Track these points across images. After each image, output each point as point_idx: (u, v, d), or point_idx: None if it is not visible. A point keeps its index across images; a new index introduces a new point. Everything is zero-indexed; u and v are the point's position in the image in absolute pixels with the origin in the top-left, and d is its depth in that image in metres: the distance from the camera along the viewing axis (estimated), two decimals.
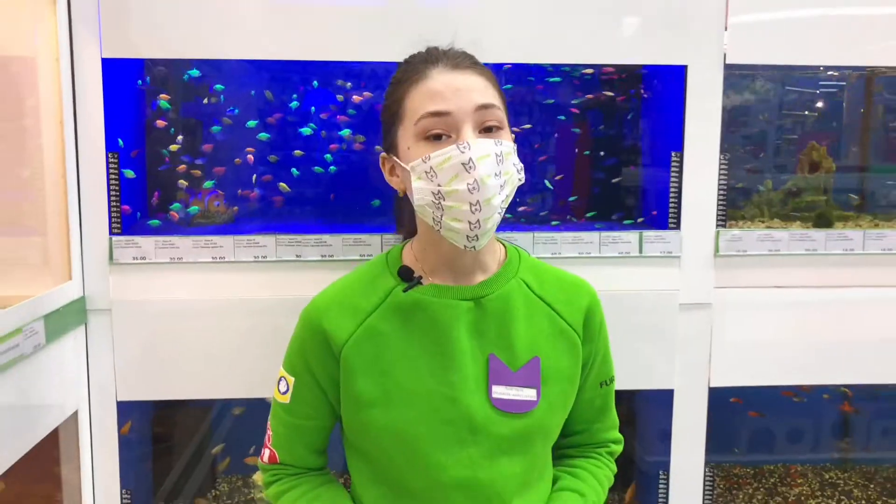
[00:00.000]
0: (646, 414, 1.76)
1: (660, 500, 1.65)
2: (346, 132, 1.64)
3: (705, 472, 1.62)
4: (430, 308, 1.09)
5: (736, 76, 1.80)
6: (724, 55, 1.52)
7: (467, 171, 1.00)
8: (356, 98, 1.65)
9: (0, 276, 1.38)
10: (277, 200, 1.66)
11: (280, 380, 1.15)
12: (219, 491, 1.77)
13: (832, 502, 1.82)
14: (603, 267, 1.54)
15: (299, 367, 1.12)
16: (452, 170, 1.00)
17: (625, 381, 1.43)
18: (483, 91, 1.05)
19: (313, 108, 1.65)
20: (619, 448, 1.27)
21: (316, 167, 1.64)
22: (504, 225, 1.53)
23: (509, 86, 1.69)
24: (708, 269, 1.57)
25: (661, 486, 1.64)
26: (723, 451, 1.98)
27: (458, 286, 1.11)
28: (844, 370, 1.63)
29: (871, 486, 1.90)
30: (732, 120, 1.84)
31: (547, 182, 1.75)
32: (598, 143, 1.78)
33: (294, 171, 1.65)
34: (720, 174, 1.55)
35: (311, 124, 1.65)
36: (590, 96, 1.74)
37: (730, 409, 1.91)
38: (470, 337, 1.09)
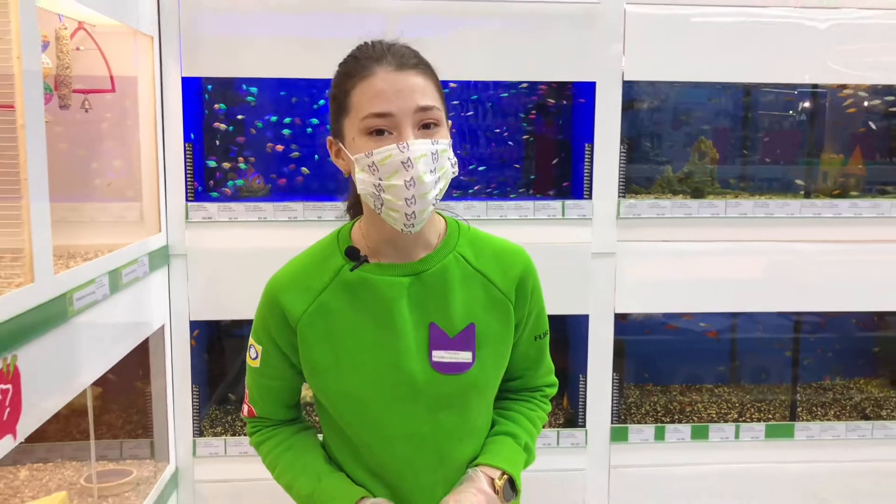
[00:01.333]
0: (572, 335, 2.37)
1: (579, 401, 2.25)
2: None
3: (613, 376, 2.23)
4: (375, 285, 1.18)
5: (650, 88, 2.42)
6: (623, 73, 2.12)
7: (406, 168, 1.08)
8: None
9: (112, 228, 1.98)
10: (299, 180, 2.27)
11: (250, 347, 1.27)
12: None
13: (715, 407, 2.43)
14: (536, 227, 2.15)
15: (263, 337, 1.23)
16: (392, 166, 1.09)
17: (554, 308, 2.03)
18: (424, 92, 1.11)
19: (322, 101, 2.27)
20: (552, 391, 1.38)
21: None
22: (466, 196, 2.14)
23: (475, 96, 2.30)
24: (612, 228, 2.17)
25: (580, 389, 2.25)
26: (637, 371, 2.59)
27: (400, 263, 1.19)
28: (713, 302, 2.25)
29: (748, 397, 2.51)
30: (643, 120, 2.46)
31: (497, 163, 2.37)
32: (539, 139, 2.40)
33: (315, 156, 2.26)
34: (620, 159, 2.15)
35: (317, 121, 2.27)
36: (531, 107, 2.36)
37: (644, 341, 2.53)
38: (411, 309, 1.19)
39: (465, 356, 1.19)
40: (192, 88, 2.13)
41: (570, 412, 2.33)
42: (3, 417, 1.18)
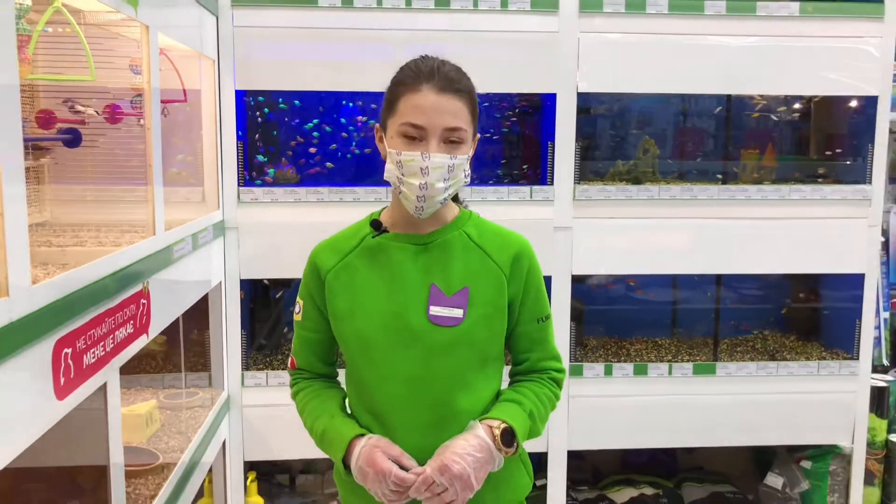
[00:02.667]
0: None
1: None
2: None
3: (570, 324, 2.83)
4: (389, 249, 1.43)
5: (604, 97, 3.02)
6: (577, 86, 2.72)
7: (423, 174, 1.33)
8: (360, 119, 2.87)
9: (183, 206, 2.57)
10: (329, 165, 2.88)
11: (296, 304, 1.52)
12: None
13: (654, 352, 3.03)
14: (509, 206, 2.74)
15: (305, 293, 1.50)
16: (412, 169, 1.34)
17: None
18: (456, 115, 1.35)
19: (346, 99, 2.87)
20: (561, 376, 1.52)
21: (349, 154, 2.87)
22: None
23: None
24: (569, 207, 2.77)
25: None
26: (594, 325, 3.19)
27: (412, 234, 1.43)
28: (650, 266, 2.85)
29: (683, 345, 3.11)
30: (599, 122, 3.07)
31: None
32: (513, 137, 3.00)
33: (339, 153, 2.87)
34: (575, 154, 2.75)
35: (348, 125, 2.87)
36: (507, 112, 2.96)
37: (596, 297, 3.13)
38: (417, 271, 1.41)
39: (456, 312, 1.39)
40: (243, 99, 2.73)
41: None
42: (142, 322, 1.77)
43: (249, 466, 2.80)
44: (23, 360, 1.19)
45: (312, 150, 2.91)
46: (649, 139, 3.08)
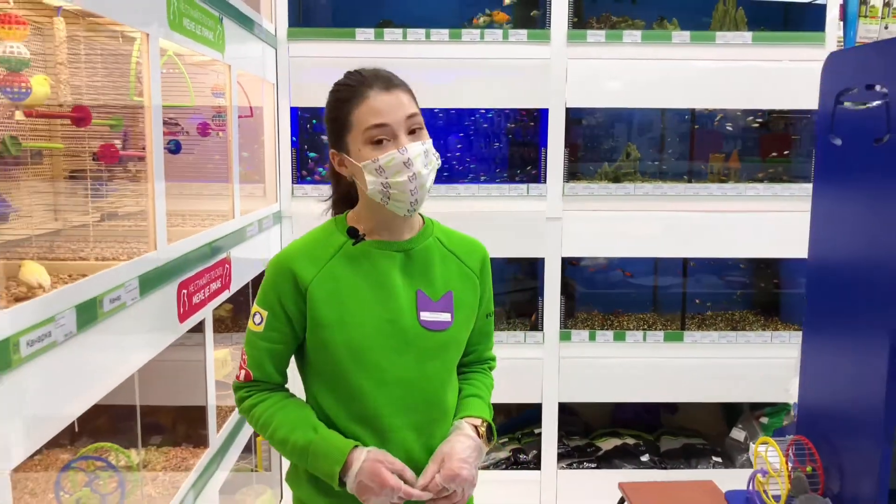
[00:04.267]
0: (538, 272, 3.58)
1: (539, 314, 3.45)
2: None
3: (560, 298, 3.43)
4: (373, 257, 1.43)
5: (592, 110, 3.62)
6: (566, 101, 3.32)
7: (407, 167, 1.35)
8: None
9: (249, 199, 3.24)
10: None
11: (255, 314, 1.45)
12: None
13: (633, 322, 3.62)
14: (510, 201, 3.35)
15: (271, 303, 1.42)
16: (396, 167, 1.35)
17: (524, 253, 3.26)
18: (409, 104, 1.39)
19: None
20: (496, 364, 1.68)
21: None
22: (467, 181, 3.38)
23: (473, 116, 3.53)
24: (559, 201, 3.37)
25: (539, 306, 3.45)
26: (583, 300, 3.78)
27: (393, 241, 1.44)
28: (627, 250, 3.44)
29: (659, 318, 3.69)
30: (587, 131, 3.67)
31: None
32: (517, 144, 3.62)
33: None
34: (564, 157, 3.35)
35: None
36: (510, 123, 3.59)
37: (586, 278, 3.74)
38: (402, 277, 1.43)
39: (445, 317, 1.45)
40: (296, 114, 3.40)
41: (534, 322, 3.54)
42: (226, 280, 2.44)
43: None
44: (161, 292, 1.85)
45: None
46: (632, 144, 3.67)
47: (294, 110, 3.36)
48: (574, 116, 3.54)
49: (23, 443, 1.21)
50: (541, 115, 3.47)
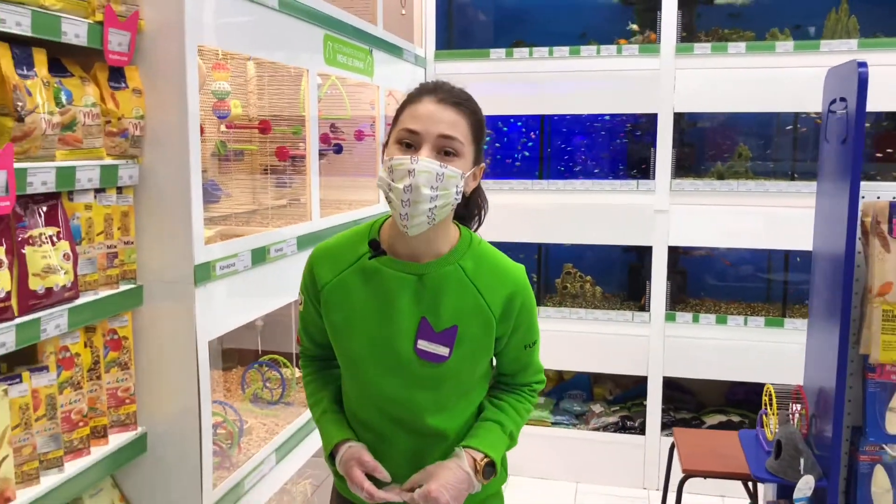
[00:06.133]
0: (646, 260, 4.00)
1: (647, 296, 3.88)
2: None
3: (667, 283, 3.84)
4: (384, 276, 1.43)
5: (700, 115, 3.99)
6: (674, 107, 3.73)
7: (409, 176, 1.31)
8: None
9: (357, 190, 3.98)
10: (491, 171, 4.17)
11: (298, 296, 1.59)
12: None
13: (735, 308, 3.93)
14: (622, 194, 3.82)
15: (303, 288, 1.55)
16: (401, 172, 1.33)
17: (635, 241, 3.73)
18: (452, 125, 1.36)
19: (512, 119, 4.14)
20: (540, 386, 1.60)
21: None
22: (590, 177, 3.90)
23: (594, 123, 4.05)
24: (667, 195, 3.78)
25: (647, 290, 3.88)
26: (689, 286, 4.14)
27: (409, 262, 1.43)
28: (729, 240, 3.78)
29: (766, 308, 3.97)
30: (697, 133, 4.05)
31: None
32: (630, 145, 4.08)
33: (507, 158, 4.15)
34: (672, 157, 3.76)
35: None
36: (626, 126, 4.06)
37: (696, 265, 4.11)
38: (410, 301, 1.43)
39: (443, 350, 1.42)
40: None
41: (641, 304, 3.97)
42: None
43: None
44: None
45: (486, 157, 4.21)
46: (743, 146, 3.99)
47: None
48: (690, 120, 3.92)
49: (214, 329, 1.95)
50: (651, 119, 3.90)
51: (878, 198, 1.97)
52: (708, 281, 4.19)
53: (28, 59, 1.52)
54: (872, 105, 3.71)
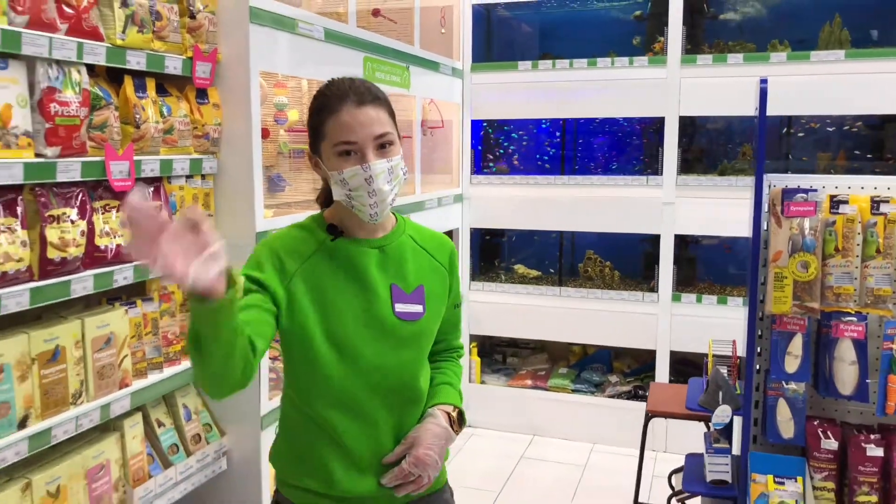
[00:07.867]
0: (654, 247, 4.49)
1: (656, 278, 4.38)
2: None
3: (673, 267, 4.32)
4: (351, 253, 1.53)
5: (702, 118, 4.47)
6: (679, 111, 4.22)
7: (368, 183, 1.44)
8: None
9: (440, 186, 4.60)
10: (522, 167, 4.75)
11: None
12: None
13: (737, 290, 4.37)
14: (633, 188, 4.33)
15: (251, 268, 1.47)
16: (357, 182, 1.44)
17: (645, 230, 4.25)
18: (379, 123, 1.46)
19: (538, 123, 4.72)
20: (463, 352, 1.77)
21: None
22: (606, 173, 4.44)
23: (607, 126, 4.58)
24: (673, 189, 4.28)
25: (655, 272, 4.37)
26: (697, 272, 4.61)
27: (368, 238, 1.55)
28: (726, 228, 4.23)
29: None
30: (703, 134, 4.52)
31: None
32: (640, 142, 4.59)
33: (514, 156, 4.74)
34: (678, 155, 4.25)
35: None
36: (637, 128, 4.57)
37: (696, 252, 4.58)
38: (378, 272, 1.54)
39: (418, 308, 1.56)
40: (476, 124, 4.70)
41: (651, 286, 4.47)
42: None
43: (471, 339, 4.76)
44: None
45: (515, 155, 4.78)
46: (747, 145, 4.44)
47: (475, 122, 4.66)
48: (700, 123, 4.40)
49: None
50: (660, 122, 4.40)
51: (773, 186, 2.45)
52: (714, 265, 4.65)
53: (143, 85, 2.22)
54: (859, 108, 4.12)
